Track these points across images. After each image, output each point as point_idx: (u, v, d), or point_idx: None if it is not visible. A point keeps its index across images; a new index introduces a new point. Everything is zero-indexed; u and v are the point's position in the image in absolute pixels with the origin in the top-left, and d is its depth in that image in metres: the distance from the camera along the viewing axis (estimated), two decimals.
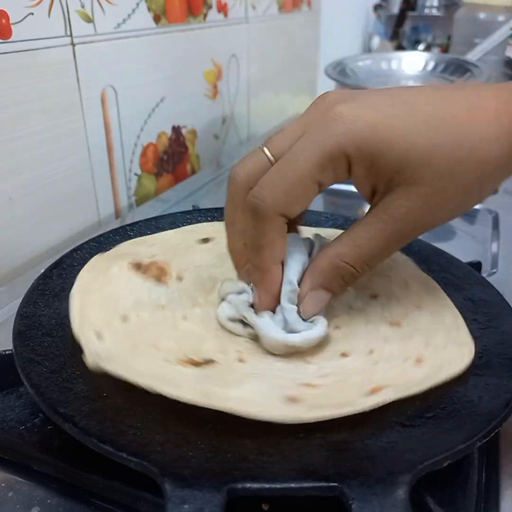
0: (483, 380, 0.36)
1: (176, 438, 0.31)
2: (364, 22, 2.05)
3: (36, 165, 0.65)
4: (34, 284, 0.45)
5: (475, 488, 0.33)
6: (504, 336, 0.40)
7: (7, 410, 0.37)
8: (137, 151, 0.83)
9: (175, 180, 0.94)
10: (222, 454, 0.30)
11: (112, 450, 0.29)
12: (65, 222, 0.71)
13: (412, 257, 0.53)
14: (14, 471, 0.35)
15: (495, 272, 0.59)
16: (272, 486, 0.27)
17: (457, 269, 0.49)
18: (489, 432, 0.31)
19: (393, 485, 0.27)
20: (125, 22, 0.74)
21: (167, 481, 0.27)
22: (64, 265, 0.48)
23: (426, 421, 0.33)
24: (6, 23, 0.57)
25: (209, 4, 0.93)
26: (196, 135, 0.98)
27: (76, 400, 0.33)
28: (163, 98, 0.86)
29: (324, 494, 0.27)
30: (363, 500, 0.26)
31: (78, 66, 0.67)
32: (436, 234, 0.70)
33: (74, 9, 0.65)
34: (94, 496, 0.33)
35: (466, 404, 0.34)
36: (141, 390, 0.34)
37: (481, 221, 0.74)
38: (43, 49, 0.62)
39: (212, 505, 0.25)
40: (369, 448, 0.31)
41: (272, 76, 1.25)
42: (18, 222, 0.64)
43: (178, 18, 0.86)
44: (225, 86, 1.05)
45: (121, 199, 0.82)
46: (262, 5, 1.12)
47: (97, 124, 0.73)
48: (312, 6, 1.39)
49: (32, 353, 0.36)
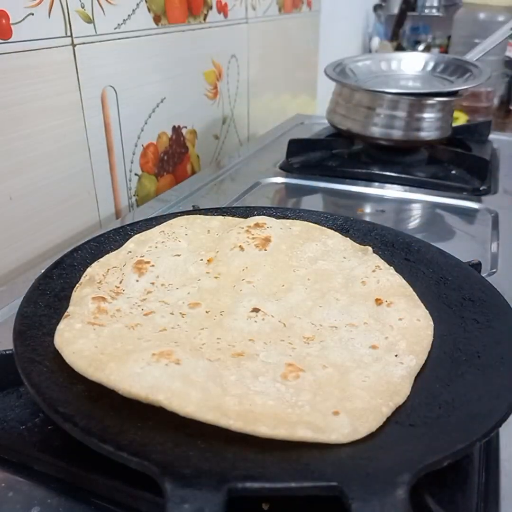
0: (482, 380, 0.36)
1: (176, 438, 0.31)
2: (364, 23, 2.05)
3: (36, 165, 0.65)
4: (34, 284, 0.45)
5: (475, 488, 0.33)
6: (504, 336, 0.40)
7: (8, 410, 0.37)
8: (137, 151, 0.83)
9: (175, 180, 0.94)
10: (222, 454, 0.30)
11: (113, 450, 0.29)
12: (65, 222, 0.71)
13: (412, 257, 0.53)
14: (14, 471, 0.35)
15: (494, 272, 0.59)
16: (272, 486, 0.27)
17: (457, 269, 0.50)
18: (489, 432, 0.31)
19: (393, 485, 0.27)
20: (125, 23, 0.74)
21: (167, 481, 0.27)
22: (64, 265, 0.48)
23: (426, 421, 0.33)
24: (6, 23, 0.57)
25: (209, 5, 0.93)
26: (196, 135, 0.98)
27: (76, 400, 0.33)
28: (163, 98, 0.86)
29: (324, 494, 0.27)
30: (363, 500, 0.26)
31: (78, 66, 0.67)
32: (436, 234, 0.70)
33: (74, 10, 0.65)
34: (94, 496, 0.33)
35: (466, 404, 0.34)
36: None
37: (481, 221, 0.74)
38: (43, 50, 0.62)
39: (212, 505, 0.25)
40: (369, 448, 0.31)
41: (272, 76, 1.25)
42: (18, 222, 0.64)
43: (178, 19, 0.86)
44: (225, 87, 1.05)
45: (122, 199, 0.82)
46: (262, 5, 1.12)
47: (97, 124, 0.74)
48: (312, 7, 1.39)
49: (32, 353, 0.37)
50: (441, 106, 0.89)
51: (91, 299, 0.42)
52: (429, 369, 0.39)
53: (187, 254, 0.50)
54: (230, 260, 0.49)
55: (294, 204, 0.82)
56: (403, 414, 0.34)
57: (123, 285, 0.46)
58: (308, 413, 0.33)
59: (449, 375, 0.38)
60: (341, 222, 0.59)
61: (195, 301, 0.44)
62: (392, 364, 0.38)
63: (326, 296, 0.46)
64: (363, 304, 0.45)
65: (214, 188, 0.85)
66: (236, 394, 0.34)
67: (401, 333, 0.42)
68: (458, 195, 0.81)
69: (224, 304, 0.44)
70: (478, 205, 0.78)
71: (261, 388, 0.35)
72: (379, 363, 0.38)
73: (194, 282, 0.47)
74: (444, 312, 0.45)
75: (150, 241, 0.52)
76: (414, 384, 0.37)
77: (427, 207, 0.80)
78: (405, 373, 0.38)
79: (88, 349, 0.37)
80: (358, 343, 0.40)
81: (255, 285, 0.46)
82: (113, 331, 0.39)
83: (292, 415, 0.33)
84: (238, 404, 0.33)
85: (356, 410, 0.34)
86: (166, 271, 0.48)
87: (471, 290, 0.46)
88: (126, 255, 0.50)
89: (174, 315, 0.42)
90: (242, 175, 0.91)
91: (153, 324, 0.41)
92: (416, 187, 0.84)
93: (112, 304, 0.43)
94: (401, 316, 0.43)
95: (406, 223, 0.75)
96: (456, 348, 0.40)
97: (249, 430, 0.31)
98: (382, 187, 0.85)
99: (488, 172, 0.87)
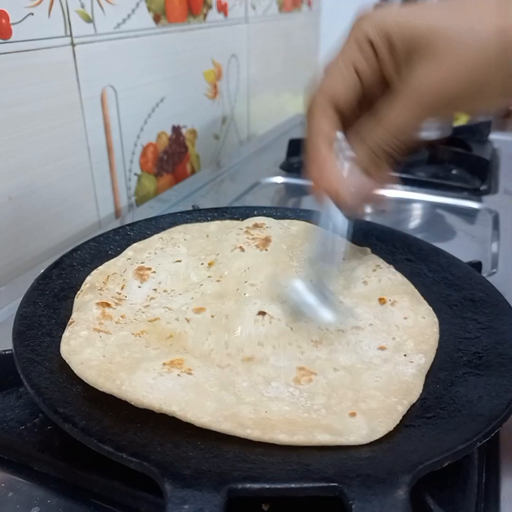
0: (483, 380, 0.36)
1: (176, 438, 0.31)
2: None
3: (36, 165, 0.65)
4: (34, 284, 0.44)
5: (475, 488, 0.33)
6: (504, 336, 0.40)
7: (7, 410, 0.37)
8: (137, 151, 0.83)
9: (175, 180, 0.94)
10: (222, 454, 0.30)
11: (112, 450, 0.29)
12: (65, 222, 0.71)
13: (412, 257, 0.53)
14: (14, 471, 0.35)
15: (495, 272, 0.59)
16: (272, 486, 0.27)
17: (457, 269, 0.49)
18: (489, 432, 0.31)
19: (393, 485, 0.27)
20: (125, 22, 0.74)
21: (167, 481, 0.27)
22: (64, 265, 0.48)
23: (426, 421, 0.33)
24: (6, 23, 0.57)
25: (209, 4, 0.93)
26: (196, 135, 0.98)
27: (76, 400, 0.33)
28: (163, 98, 0.86)
29: (324, 494, 0.27)
30: (363, 500, 0.26)
31: (78, 66, 0.67)
32: (437, 234, 0.70)
33: (74, 9, 0.65)
34: (94, 496, 0.33)
35: (466, 404, 0.34)
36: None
37: (481, 221, 0.74)
38: (43, 49, 0.62)
39: (212, 505, 0.25)
40: (369, 448, 0.31)
41: (272, 76, 1.25)
42: (18, 222, 0.64)
43: (178, 18, 0.86)
44: (225, 86, 1.05)
45: (121, 199, 0.82)
46: (262, 5, 1.12)
47: (97, 124, 0.73)
48: (312, 6, 1.39)
49: (32, 353, 0.36)
50: None
51: (95, 305, 0.42)
52: (429, 369, 0.39)
53: (187, 259, 0.50)
54: (231, 262, 0.49)
55: (294, 204, 0.82)
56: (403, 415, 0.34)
57: (125, 292, 0.46)
58: (325, 417, 0.33)
59: (449, 375, 0.38)
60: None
61: (199, 306, 0.43)
62: (402, 363, 0.39)
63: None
64: (367, 305, 0.45)
65: (214, 188, 0.85)
66: (250, 401, 0.34)
67: (407, 333, 0.42)
68: (458, 195, 0.81)
69: (229, 308, 0.43)
70: (479, 205, 0.78)
71: (274, 394, 0.35)
72: (389, 363, 0.39)
73: (196, 287, 0.46)
74: (444, 312, 0.45)
75: (149, 248, 0.52)
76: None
77: (427, 207, 0.80)
78: (415, 371, 0.38)
79: (96, 358, 0.36)
80: (366, 345, 0.41)
81: (259, 288, 0.46)
82: (119, 338, 0.39)
83: (309, 419, 0.33)
84: (253, 412, 0.33)
85: (371, 411, 0.34)
86: (168, 277, 0.47)
87: (471, 290, 0.46)
88: (125, 262, 0.50)
89: (180, 321, 0.42)
90: (242, 175, 0.91)
91: (158, 331, 0.41)
92: (416, 187, 0.84)
93: (117, 310, 0.43)
94: (406, 315, 0.44)
95: (406, 223, 0.75)
96: (457, 349, 0.40)
97: (267, 439, 0.32)
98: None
99: (489, 172, 0.87)
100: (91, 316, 0.41)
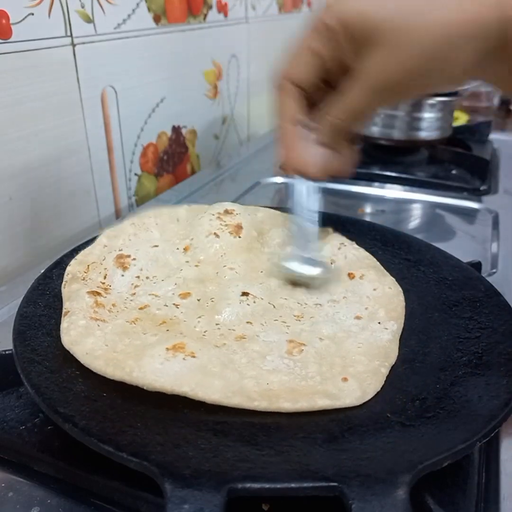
0: (483, 380, 0.36)
1: (176, 438, 0.31)
2: None
3: (36, 165, 0.65)
4: (34, 284, 0.45)
5: (475, 488, 0.33)
6: (504, 336, 0.40)
7: (7, 410, 0.37)
8: (137, 151, 0.83)
9: (175, 180, 0.94)
10: (222, 454, 0.30)
11: (112, 450, 0.29)
12: (65, 222, 0.71)
13: (412, 257, 0.53)
14: (14, 471, 0.35)
15: (494, 272, 0.59)
16: (272, 486, 0.27)
17: (457, 269, 0.50)
18: (489, 432, 0.31)
19: (393, 485, 0.27)
20: (125, 22, 0.74)
21: (167, 481, 0.27)
22: (64, 265, 0.48)
23: (426, 421, 0.33)
24: (6, 23, 0.57)
25: (209, 4, 0.93)
26: (196, 135, 0.98)
27: (76, 400, 0.33)
28: (163, 98, 0.86)
29: (324, 494, 0.27)
30: (363, 500, 0.26)
31: (78, 66, 0.67)
32: (436, 234, 0.70)
33: (74, 9, 0.65)
34: (94, 496, 0.33)
35: (466, 404, 0.34)
36: (140, 390, 0.34)
37: (481, 221, 0.74)
38: (43, 50, 0.62)
39: (212, 505, 0.25)
40: (369, 448, 0.31)
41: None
42: (18, 222, 0.64)
43: (178, 18, 0.86)
44: (225, 86, 1.05)
45: (121, 199, 0.82)
46: (262, 5, 1.12)
47: (97, 124, 0.74)
48: (312, 7, 1.39)
49: (32, 353, 0.36)
50: (441, 106, 0.89)
51: (86, 294, 0.42)
52: (429, 369, 0.39)
53: (163, 244, 0.51)
54: (207, 247, 0.50)
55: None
56: (403, 414, 0.34)
57: (108, 281, 0.46)
58: (320, 383, 0.36)
59: (449, 375, 0.38)
60: (341, 222, 0.59)
61: (184, 291, 0.45)
62: (378, 330, 0.42)
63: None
64: (338, 281, 0.48)
65: (214, 188, 0.85)
66: (252, 375, 0.36)
67: (378, 303, 0.46)
68: (458, 195, 0.81)
69: (213, 291, 0.45)
70: (478, 205, 0.78)
71: (271, 366, 0.37)
72: (366, 331, 0.42)
73: (177, 272, 0.47)
74: (444, 312, 0.45)
75: (122, 233, 0.52)
76: (414, 384, 0.37)
77: (427, 207, 0.80)
78: (391, 337, 0.42)
79: (99, 348, 0.37)
80: (343, 316, 0.44)
81: (238, 271, 0.48)
82: (116, 327, 0.40)
83: (306, 386, 0.36)
84: (257, 385, 0.35)
85: (359, 374, 0.37)
86: (149, 263, 0.48)
87: (471, 290, 0.46)
88: (102, 250, 0.50)
89: (169, 306, 0.43)
90: (242, 175, 0.91)
91: (151, 318, 0.42)
92: (416, 187, 0.84)
93: (107, 299, 0.43)
94: (375, 286, 0.47)
95: (406, 223, 0.75)
96: (457, 349, 0.40)
97: (274, 408, 0.34)
98: (382, 187, 0.85)
99: (489, 172, 0.87)
100: (85, 305, 0.41)
